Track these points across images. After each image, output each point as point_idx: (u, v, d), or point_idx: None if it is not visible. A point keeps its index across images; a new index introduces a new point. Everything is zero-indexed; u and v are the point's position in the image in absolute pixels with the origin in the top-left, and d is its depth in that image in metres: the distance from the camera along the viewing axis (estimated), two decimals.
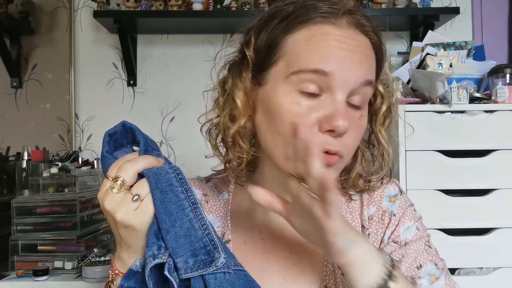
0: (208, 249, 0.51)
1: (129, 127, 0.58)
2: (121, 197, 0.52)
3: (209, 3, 1.76)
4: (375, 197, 0.70)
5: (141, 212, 0.52)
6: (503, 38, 1.94)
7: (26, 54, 1.93)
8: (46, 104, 1.92)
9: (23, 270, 1.36)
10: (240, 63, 0.65)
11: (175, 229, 0.51)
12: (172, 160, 1.91)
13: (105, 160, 0.57)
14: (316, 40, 0.58)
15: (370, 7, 1.75)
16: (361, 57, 0.59)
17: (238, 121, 0.62)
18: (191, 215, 0.52)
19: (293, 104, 0.58)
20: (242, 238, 0.68)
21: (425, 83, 1.34)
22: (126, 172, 0.53)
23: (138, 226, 0.52)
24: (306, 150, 0.48)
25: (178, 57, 1.92)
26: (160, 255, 0.51)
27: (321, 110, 0.57)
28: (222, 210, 0.71)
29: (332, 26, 0.59)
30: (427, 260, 0.64)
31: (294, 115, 0.57)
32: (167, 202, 0.52)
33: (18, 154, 1.69)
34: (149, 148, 0.57)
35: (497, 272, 1.29)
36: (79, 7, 1.94)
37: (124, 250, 0.55)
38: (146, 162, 0.54)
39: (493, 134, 1.30)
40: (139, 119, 1.92)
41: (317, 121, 0.57)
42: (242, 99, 0.62)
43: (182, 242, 0.51)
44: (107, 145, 0.58)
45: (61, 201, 1.41)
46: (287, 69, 0.59)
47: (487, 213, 1.29)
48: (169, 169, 0.55)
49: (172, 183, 0.53)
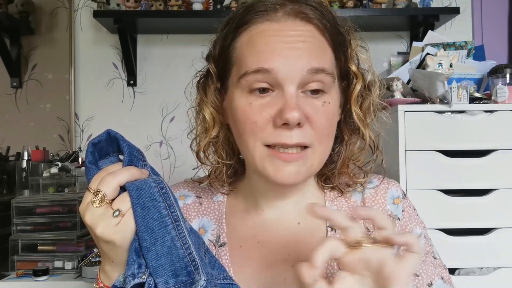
0: (189, 270, 0.50)
1: (113, 135, 0.56)
2: (101, 212, 0.51)
3: (209, 3, 1.76)
4: (379, 199, 0.69)
5: (122, 228, 0.50)
6: (503, 38, 1.94)
7: (26, 54, 1.93)
8: (46, 104, 1.92)
9: (23, 270, 1.36)
10: (207, 77, 0.68)
11: (156, 247, 0.50)
12: (172, 160, 1.92)
13: (87, 171, 0.55)
14: (254, 40, 0.59)
15: (370, 7, 1.75)
16: (303, 45, 0.58)
17: (209, 132, 0.67)
18: (173, 233, 0.51)
19: (246, 106, 0.59)
20: (237, 241, 0.67)
21: (425, 83, 1.34)
22: (107, 185, 0.51)
23: (118, 242, 0.51)
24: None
25: (178, 57, 1.92)
26: (140, 274, 0.49)
27: (273, 106, 0.58)
28: (216, 212, 0.71)
29: (269, 22, 0.60)
30: (435, 275, 0.64)
31: (250, 115, 0.59)
32: (148, 219, 0.50)
33: (18, 154, 1.69)
34: (133, 158, 0.55)
35: (497, 272, 1.29)
36: (79, 7, 1.94)
37: (107, 264, 0.54)
38: (128, 174, 0.52)
39: (493, 134, 1.30)
40: (139, 119, 1.93)
41: (271, 117, 0.58)
42: (209, 112, 0.66)
43: (163, 261, 0.49)
44: (90, 155, 0.55)
45: (61, 201, 1.41)
46: (237, 74, 0.61)
47: (487, 213, 1.29)
48: (152, 182, 0.53)
49: (155, 198, 0.52)
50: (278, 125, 0.57)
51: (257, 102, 0.59)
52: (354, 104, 0.65)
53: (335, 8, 1.72)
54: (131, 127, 1.92)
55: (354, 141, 0.67)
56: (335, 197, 0.69)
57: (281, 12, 0.59)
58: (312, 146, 0.59)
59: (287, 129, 0.57)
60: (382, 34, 1.91)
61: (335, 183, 0.69)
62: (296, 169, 0.59)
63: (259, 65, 0.57)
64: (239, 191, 0.72)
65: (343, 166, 0.68)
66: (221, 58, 0.64)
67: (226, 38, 0.63)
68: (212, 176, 0.71)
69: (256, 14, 0.60)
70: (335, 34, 0.61)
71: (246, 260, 0.66)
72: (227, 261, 0.65)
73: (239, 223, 0.69)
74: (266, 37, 0.59)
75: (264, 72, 0.57)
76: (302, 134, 0.58)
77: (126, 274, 0.50)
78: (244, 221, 0.69)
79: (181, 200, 0.73)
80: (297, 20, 0.59)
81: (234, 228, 0.69)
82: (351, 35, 0.65)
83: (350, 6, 1.73)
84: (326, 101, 0.60)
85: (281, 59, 0.57)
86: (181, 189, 0.75)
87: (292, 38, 0.58)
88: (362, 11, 1.73)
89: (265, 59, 0.57)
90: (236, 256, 0.66)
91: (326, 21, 0.60)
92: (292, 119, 0.55)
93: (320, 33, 0.60)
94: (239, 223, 0.69)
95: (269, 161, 0.59)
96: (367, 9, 1.74)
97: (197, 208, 0.71)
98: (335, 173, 0.68)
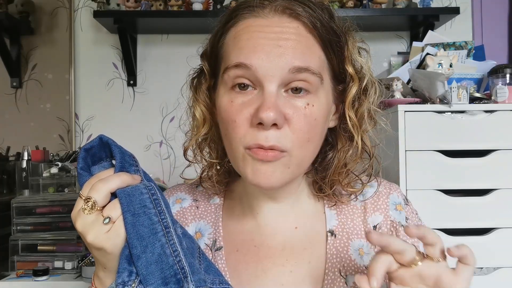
0: (178, 277, 0.49)
1: (106, 141, 0.55)
2: (92, 219, 0.50)
3: (209, 3, 1.76)
4: (381, 204, 0.68)
5: (112, 235, 0.50)
6: (503, 38, 1.94)
7: (26, 54, 1.93)
8: (46, 104, 1.92)
9: (23, 270, 1.36)
10: (200, 75, 0.67)
11: (146, 255, 0.49)
12: (172, 160, 1.92)
13: (80, 178, 0.55)
14: (239, 35, 0.58)
15: (370, 7, 1.75)
16: (287, 43, 0.56)
17: (199, 130, 0.66)
18: (163, 240, 0.50)
19: (228, 103, 0.58)
20: (234, 245, 0.66)
21: (425, 83, 1.34)
22: (97, 192, 0.50)
23: (109, 249, 0.50)
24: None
25: (178, 57, 1.92)
26: (130, 282, 0.49)
27: (252, 105, 0.56)
28: (213, 216, 0.70)
29: (255, 18, 0.58)
30: None
31: (230, 113, 0.58)
32: (138, 226, 0.50)
33: (18, 154, 1.69)
34: (125, 164, 0.54)
35: (497, 272, 1.29)
36: (79, 7, 1.94)
37: (100, 270, 0.54)
38: (120, 180, 0.52)
39: (493, 134, 1.30)
40: (139, 119, 1.93)
41: (250, 116, 0.56)
42: (200, 111, 0.65)
43: (153, 269, 0.49)
44: (82, 161, 0.55)
45: (61, 201, 1.42)
46: (222, 70, 0.60)
47: (487, 213, 1.29)
48: (143, 188, 0.52)
49: (145, 205, 0.51)
50: (254, 124, 0.55)
51: (238, 100, 0.57)
52: (348, 109, 0.62)
53: (335, 8, 1.72)
54: (131, 127, 1.92)
55: (347, 149, 0.64)
56: (334, 204, 0.68)
57: (269, 8, 0.58)
58: (289, 151, 0.56)
59: (263, 129, 0.55)
60: (382, 34, 1.92)
61: (328, 192, 0.66)
62: (272, 169, 0.57)
63: (239, 60, 0.56)
64: (236, 193, 0.71)
65: (334, 174, 0.65)
66: (212, 55, 0.63)
67: (216, 35, 0.62)
68: (204, 176, 0.70)
69: (244, 10, 0.59)
70: (327, 33, 0.58)
71: (242, 264, 0.65)
72: (223, 265, 0.64)
73: (236, 227, 0.68)
74: (250, 32, 0.57)
75: (244, 67, 0.56)
76: (279, 136, 0.55)
77: (117, 282, 0.49)
78: (241, 225, 0.68)
79: (177, 204, 0.72)
80: (284, 17, 0.57)
81: (230, 231, 0.68)
82: (349, 36, 0.62)
83: (350, 6, 1.73)
84: (310, 102, 0.57)
85: (262, 56, 0.55)
86: (178, 192, 0.74)
87: (276, 34, 0.56)
88: (362, 11, 1.73)
89: (246, 55, 0.56)
90: (232, 260, 0.65)
91: (317, 19, 0.57)
92: (267, 118, 0.53)
93: (308, 30, 0.58)
94: (235, 226, 0.68)
95: (248, 162, 0.57)
96: (367, 9, 1.74)
97: (194, 212, 0.71)
98: (326, 181, 0.65)
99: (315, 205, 0.69)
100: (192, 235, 0.67)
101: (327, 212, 0.67)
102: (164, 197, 0.54)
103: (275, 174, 0.57)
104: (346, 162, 0.65)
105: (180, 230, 0.55)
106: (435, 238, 0.50)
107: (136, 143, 1.91)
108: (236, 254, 0.66)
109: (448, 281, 0.48)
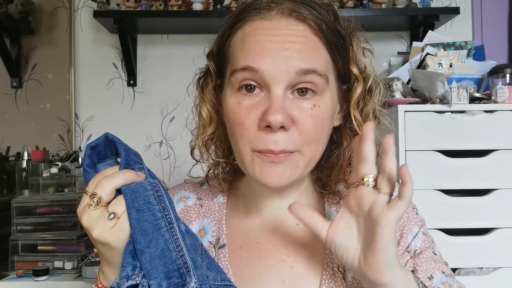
0: (181, 272, 0.50)
1: (111, 139, 0.57)
2: (97, 214, 0.52)
3: (209, 3, 1.76)
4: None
5: (117, 230, 0.51)
6: (503, 38, 1.95)
7: (26, 54, 1.93)
8: (46, 104, 1.92)
9: (23, 270, 1.36)
10: (206, 75, 0.68)
11: (150, 250, 0.51)
12: (172, 160, 1.92)
13: (85, 174, 0.56)
14: (246, 38, 0.59)
15: (370, 7, 1.75)
16: (294, 46, 0.56)
17: (206, 129, 0.67)
18: (166, 235, 0.52)
19: (236, 105, 0.59)
20: (237, 242, 0.67)
21: (425, 83, 1.34)
22: (103, 188, 0.52)
23: (114, 244, 0.52)
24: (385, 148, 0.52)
25: (178, 57, 1.92)
26: (134, 276, 0.50)
27: (260, 108, 0.57)
28: (217, 214, 0.70)
29: (262, 20, 0.59)
30: (435, 269, 0.64)
31: (238, 115, 0.58)
32: (143, 221, 0.51)
33: (18, 154, 1.69)
34: (130, 161, 0.56)
35: (497, 272, 1.29)
36: (79, 7, 1.94)
37: (105, 265, 0.55)
38: (124, 177, 0.53)
39: (493, 134, 1.30)
40: (139, 119, 1.93)
41: (257, 119, 0.57)
42: (206, 110, 0.66)
43: (156, 263, 0.50)
44: (88, 158, 0.56)
45: (61, 201, 1.41)
46: (229, 72, 0.60)
47: (487, 213, 1.29)
48: (148, 185, 0.54)
49: (149, 201, 0.53)
50: (262, 127, 0.56)
51: (245, 102, 0.58)
52: (353, 108, 0.63)
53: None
54: (131, 127, 1.92)
55: (352, 147, 0.65)
56: (337, 202, 0.69)
57: (275, 10, 0.59)
58: (299, 150, 0.58)
59: (271, 132, 0.56)
60: (382, 34, 1.92)
61: (333, 189, 0.67)
62: (281, 170, 0.58)
63: (246, 63, 0.57)
64: (240, 191, 0.72)
65: (340, 173, 0.66)
66: (218, 56, 0.64)
67: (223, 36, 0.63)
68: (210, 174, 0.71)
69: (250, 12, 0.60)
70: (332, 35, 0.59)
71: (245, 261, 0.65)
72: (226, 263, 0.65)
73: (239, 224, 0.69)
74: (257, 35, 0.58)
75: (252, 71, 0.56)
76: (287, 139, 0.56)
77: (121, 276, 0.50)
78: (244, 222, 0.69)
79: (182, 202, 0.72)
80: (290, 19, 0.58)
81: (234, 229, 0.69)
82: (354, 37, 0.63)
83: (350, 6, 1.73)
84: (316, 104, 0.58)
85: (269, 59, 0.56)
86: (182, 191, 0.75)
87: (283, 37, 0.57)
88: (362, 11, 1.73)
89: (253, 58, 0.56)
90: (235, 258, 0.66)
91: (322, 21, 0.58)
92: (275, 121, 0.54)
93: (314, 33, 0.58)
94: (239, 224, 0.69)
95: (257, 163, 0.58)
96: (367, 9, 1.74)
97: (198, 210, 0.71)
98: (331, 179, 0.67)
99: (316, 202, 0.70)
100: (196, 233, 0.68)
101: (327, 210, 0.68)
102: (168, 194, 0.56)
103: (284, 174, 0.58)
104: (351, 161, 0.65)
105: (183, 226, 0.56)
106: (392, 168, 0.52)
107: (136, 143, 1.91)
108: (239, 251, 0.66)
109: (378, 212, 0.51)
